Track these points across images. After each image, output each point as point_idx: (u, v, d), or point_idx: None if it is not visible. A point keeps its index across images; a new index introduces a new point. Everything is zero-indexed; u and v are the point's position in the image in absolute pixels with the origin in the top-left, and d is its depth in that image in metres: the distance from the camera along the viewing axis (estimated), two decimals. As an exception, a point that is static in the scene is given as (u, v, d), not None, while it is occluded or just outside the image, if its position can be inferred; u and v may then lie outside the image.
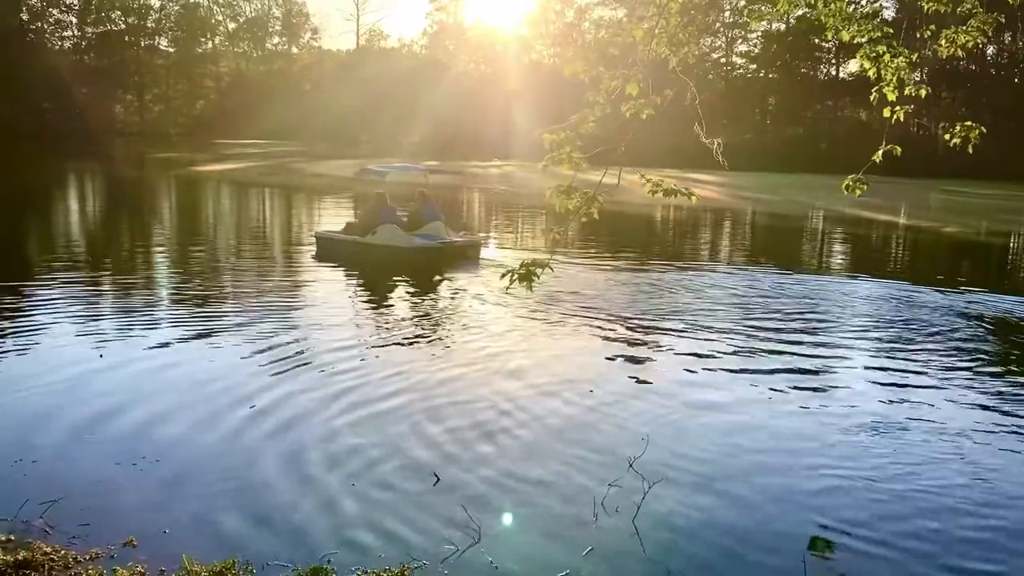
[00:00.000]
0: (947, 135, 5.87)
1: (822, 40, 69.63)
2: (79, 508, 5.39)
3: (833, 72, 73.41)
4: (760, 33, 74.76)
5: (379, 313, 12.01)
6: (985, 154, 8.08)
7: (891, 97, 5.32)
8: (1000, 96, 62.05)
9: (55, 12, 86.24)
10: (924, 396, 8.55)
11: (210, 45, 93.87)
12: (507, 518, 5.59)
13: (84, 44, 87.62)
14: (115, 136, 79.84)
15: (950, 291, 14.79)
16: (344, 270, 15.61)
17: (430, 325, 11.11)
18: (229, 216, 27.89)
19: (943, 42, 6.00)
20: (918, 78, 5.52)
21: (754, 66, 76.35)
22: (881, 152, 5.41)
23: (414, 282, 14.20)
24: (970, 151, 5.55)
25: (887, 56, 5.38)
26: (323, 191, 35.34)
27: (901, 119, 5.45)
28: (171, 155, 59.25)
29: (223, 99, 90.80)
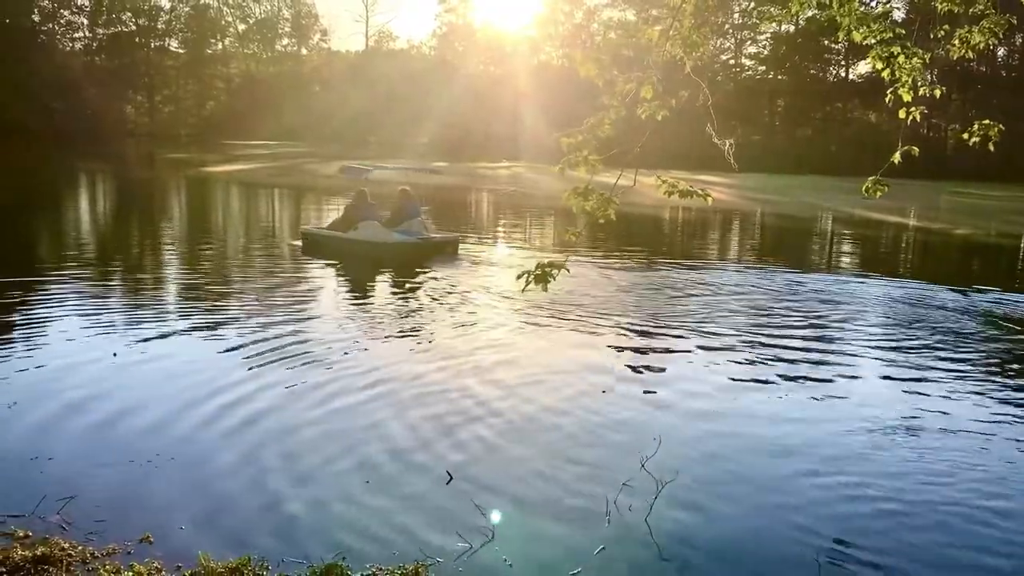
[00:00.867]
0: (965, 134, 5.88)
1: (831, 42, 69.55)
2: (95, 505, 5.43)
3: (842, 74, 73.28)
4: (769, 35, 74.78)
5: (386, 312, 12.00)
6: (995, 156, 8.07)
7: (907, 98, 5.33)
8: (1011, 98, 61.77)
9: (66, 13, 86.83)
10: (939, 399, 8.52)
11: (220, 46, 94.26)
12: (521, 516, 5.61)
13: (95, 45, 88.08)
14: (125, 137, 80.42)
15: (964, 291, 14.75)
16: (364, 266, 15.83)
17: (443, 325, 11.12)
18: (239, 216, 27.98)
19: (956, 42, 6.01)
20: (930, 79, 5.50)
21: (763, 68, 76.28)
22: (899, 153, 5.41)
23: (418, 278, 14.26)
24: (991, 148, 5.55)
25: (901, 57, 5.39)
26: (332, 191, 35.41)
27: (917, 119, 5.46)
28: (181, 156, 59.47)
29: (233, 100, 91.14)
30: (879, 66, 5.39)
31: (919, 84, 5.45)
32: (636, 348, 10.34)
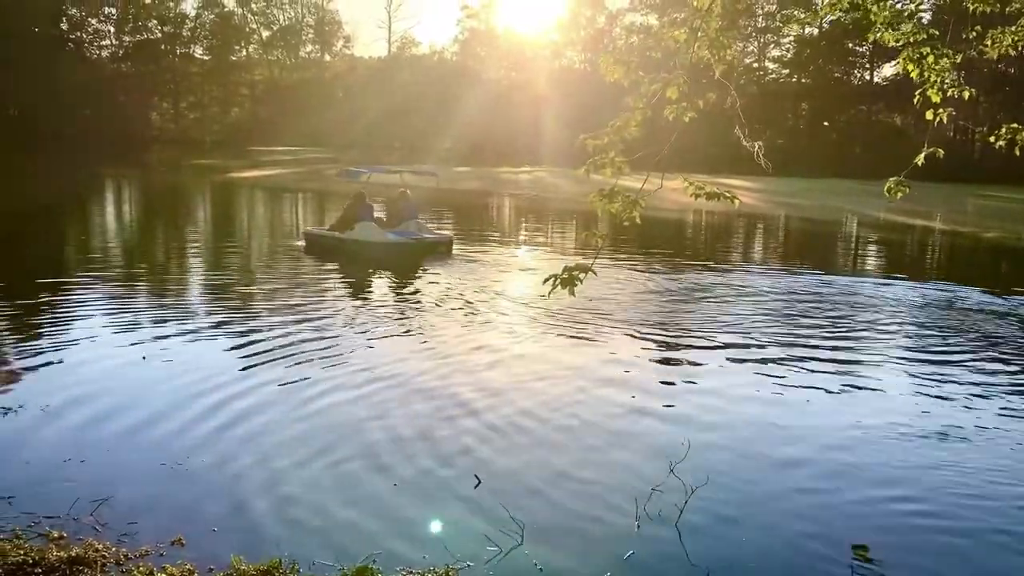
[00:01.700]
0: (992, 137, 5.82)
1: (856, 44, 69.03)
2: (127, 507, 5.49)
3: (867, 76, 72.66)
4: (793, 38, 74.26)
5: (409, 315, 12.02)
6: (1022, 159, 7.98)
7: (936, 99, 5.28)
8: (1040, 100, 61.00)
9: (94, 22, 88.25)
10: (970, 406, 8.41)
11: (244, 53, 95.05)
12: (549, 520, 5.59)
13: (121, 53, 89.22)
14: (151, 143, 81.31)
15: (994, 294, 14.58)
16: (373, 268, 16.16)
17: (465, 329, 11.13)
18: (264, 220, 28.20)
19: (988, 42, 5.95)
20: (959, 81, 5.44)
21: (787, 71, 75.78)
22: (923, 155, 5.36)
23: (431, 279, 14.40)
24: (1017, 153, 5.50)
25: (931, 58, 5.34)
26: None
27: (944, 121, 5.40)
28: (207, 162, 59.99)
29: (257, 106, 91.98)
30: (910, 67, 5.34)
31: (947, 85, 5.40)
32: (664, 352, 10.28)
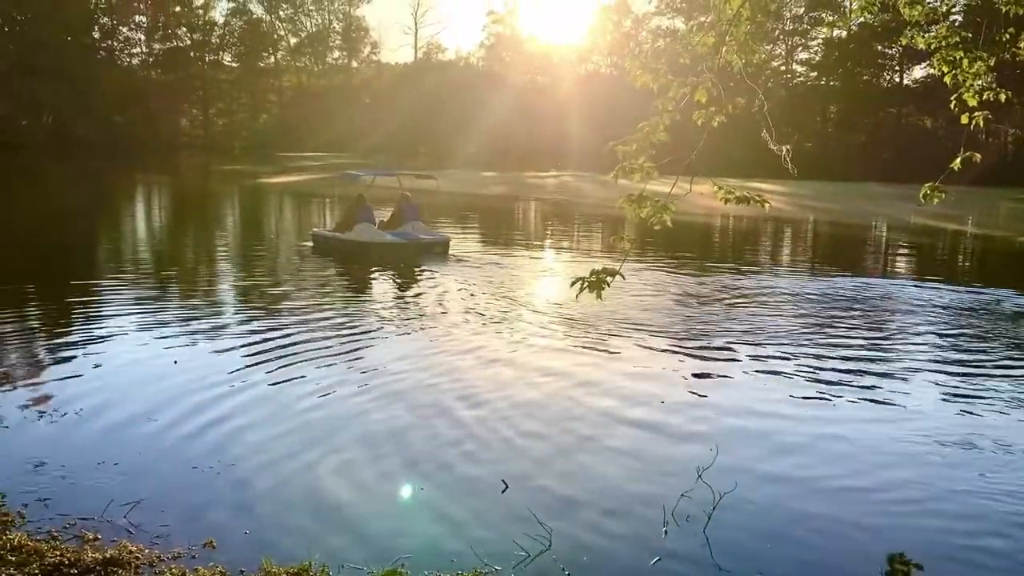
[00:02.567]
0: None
1: (885, 47, 68.27)
2: (160, 509, 5.55)
3: (897, 79, 71.83)
4: (821, 40, 73.65)
5: (440, 318, 12.05)
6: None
7: (972, 103, 5.21)
8: (1074, 103, 60.01)
9: (124, 30, 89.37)
10: (1003, 413, 8.28)
11: (272, 60, 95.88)
12: (577, 525, 5.58)
13: (152, 60, 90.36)
14: (181, 149, 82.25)
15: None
16: (381, 269, 16.71)
17: (499, 334, 11.14)
18: (290, 223, 28.39)
19: (1022, 44, 5.86)
20: (993, 84, 5.37)
21: (815, 74, 75.14)
22: (959, 160, 5.29)
23: (446, 280, 14.42)
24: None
25: (965, 61, 5.28)
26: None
27: (980, 125, 5.33)
28: (235, 168, 60.58)
29: (285, 113, 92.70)
30: (945, 68, 5.28)
31: (982, 88, 5.33)
32: (692, 357, 10.22)
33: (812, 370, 9.65)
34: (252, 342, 10.18)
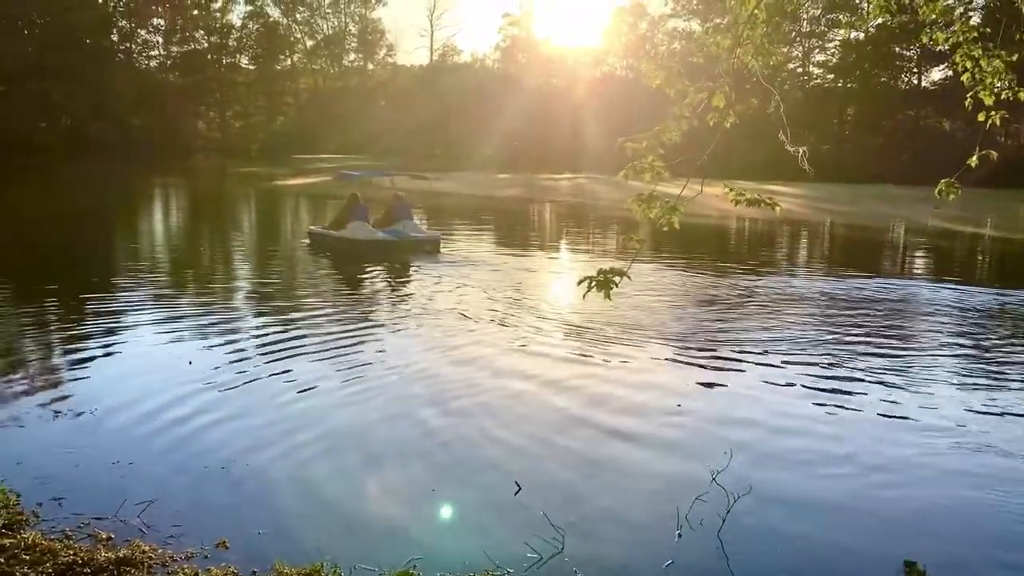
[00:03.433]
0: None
1: (903, 48, 67.77)
2: (173, 509, 5.57)
3: (915, 81, 71.25)
4: (838, 42, 73.18)
5: (456, 324, 12.05)
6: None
7: (988, 101, 5.16)
8: (1095, 103, 59.26)
9: (142, 33, 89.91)
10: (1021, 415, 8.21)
11: (289, 63, 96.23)
12: (590, 527, 5.56)
13: (169, 63, 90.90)
14: (197, 152, 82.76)
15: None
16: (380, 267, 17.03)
17: (512, 335, 11.12)
18: (306, 225, 28.42)
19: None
20: (1011, 83, 5.31)
21: (832, 76, 74.68)
22: (976, 157, 5.24)
23: (482, 289, 14.34)
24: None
25: (984, 60, 5.23)
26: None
27: (998, 124, 5.27)
28: (252, 170, 60.85)
29: (301, 115, 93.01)
30: (968, 64, 5.22)
31: (1000, 87, 5.27)
32: (706, 359, 10.16)
33: (829, 372, 9.57)
34: (268, 342, 10.22)
